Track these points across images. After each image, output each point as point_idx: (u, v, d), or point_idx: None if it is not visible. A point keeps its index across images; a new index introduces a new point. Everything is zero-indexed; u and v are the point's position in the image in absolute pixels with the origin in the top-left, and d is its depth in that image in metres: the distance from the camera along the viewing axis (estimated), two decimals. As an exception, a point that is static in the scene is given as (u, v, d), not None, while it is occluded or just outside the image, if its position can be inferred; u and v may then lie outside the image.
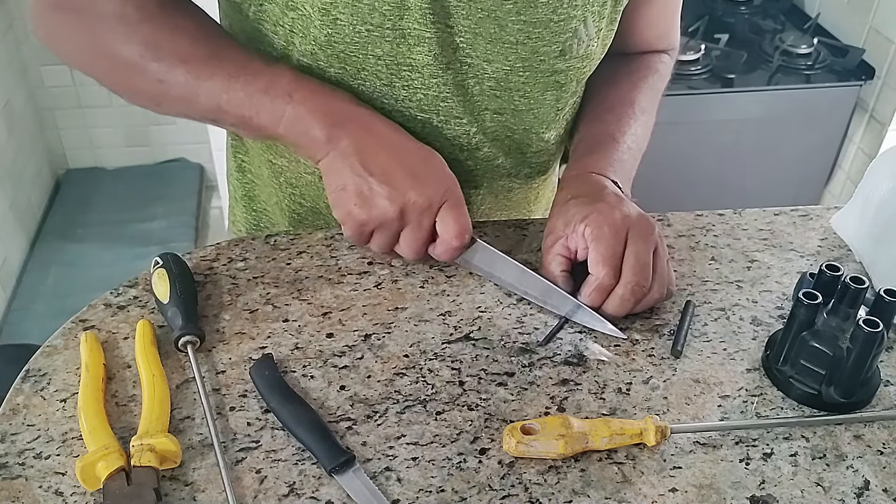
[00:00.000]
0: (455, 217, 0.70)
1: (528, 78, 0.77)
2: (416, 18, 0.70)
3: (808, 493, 0.58)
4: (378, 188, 0.68)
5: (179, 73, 0.69)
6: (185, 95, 0.70)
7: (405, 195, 0.68)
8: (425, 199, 0.69)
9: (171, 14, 0.71)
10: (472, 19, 0.72)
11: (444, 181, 0.71)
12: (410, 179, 0.69)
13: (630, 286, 0.69)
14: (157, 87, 0.71)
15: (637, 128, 0.85)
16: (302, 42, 0.73)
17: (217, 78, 0.69)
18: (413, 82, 0.75)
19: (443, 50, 0.73)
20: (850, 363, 0.62)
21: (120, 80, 0.74)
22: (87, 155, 2.65)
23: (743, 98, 1.92)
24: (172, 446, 0.58)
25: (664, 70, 0.94)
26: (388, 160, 0.69)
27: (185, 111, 0.73)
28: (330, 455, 0.59)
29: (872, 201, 0.80)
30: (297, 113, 0.69)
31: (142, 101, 0.74)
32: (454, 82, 0.75)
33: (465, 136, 0.80)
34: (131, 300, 0.73)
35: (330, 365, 0.67)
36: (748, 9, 2.21)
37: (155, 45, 0.70)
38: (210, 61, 0.70)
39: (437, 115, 0.78)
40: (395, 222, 0.69)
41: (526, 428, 0.60)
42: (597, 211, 0.72)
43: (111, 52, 0.71)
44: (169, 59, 0.69)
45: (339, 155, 0.69)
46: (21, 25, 2.39)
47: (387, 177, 0.68)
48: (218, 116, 0.71)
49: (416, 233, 0.70)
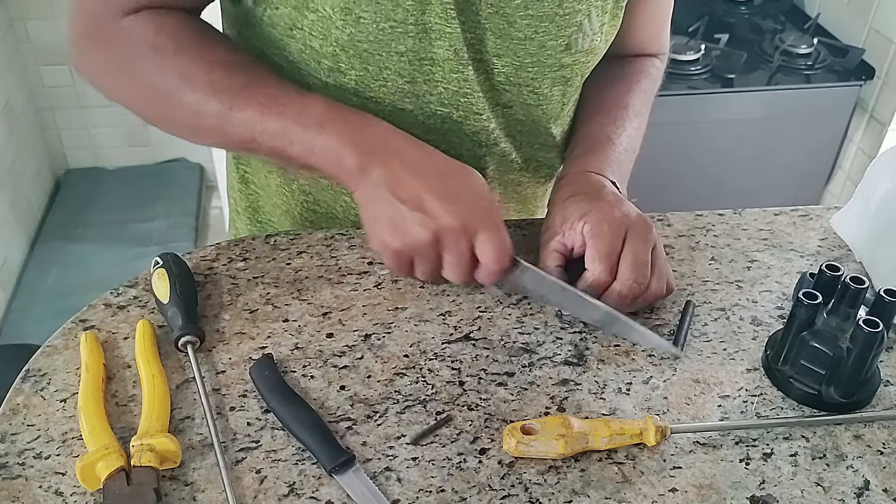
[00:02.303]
0: (492, 240, 0.66)
1: (537, 73, 0.78)
2: (437, 13, 0.71)
3: (808, 493, 0.58)
4: (409, 215, 0.66)
5: (213, 104, 0.69)
6: (219, 126, 0.71)
7: (438, 220, 0.65)
8: (459, 223, 0.65)
9: (205, 45, 0.72)
10: (481, 15, 0.73)
11: (480, 202, 0.68)
12: (443, 203, 0.66)
13: (628, 283, 0.69)
14: (192, 119, 0.71)
15: (631, 130, 0.85)
16: (322, 45, 0.73)
17: (250, 110, 0.69)
18: (434, 76, 0.75)
19: (461, 44, 0.74)
20: (850, 363, 0.62)
21: (156, 110, 0.74)
22: (87, 155, 2.65)
23: (743, 98, 1.92)
24: (172, 446, 0.58)
25: (656, 74, 0.95)
26: (420, 185, 0.67)
27: (220, 142, 0.74)
28: (330, 455, 0.59)
29: (872, 201, 0.80)
30: (329, 143, 0.68)
31: (178, 131, 0.75)
32: (474, 77, 0.76)
33: (485, 132, 0.80)
34: (131, 300, 0.73)
35: (330, 365, 0.67)
36: (748, 9, 2.21)
37: (189, 76, 0.70)
38: (243, 92, 0.69)
39: (457, 109, 0.78)
40: (430, 248, 0.66)
41: (526, 428, 0.60)
42: (596, 209, 0.72)
43: (146, 83, 0.72)
44: (203, 90, 0.70)
45: (371, 185, 0.67)
46: (21, 25, 2.39)
47: (418, 203, 0.66)
48: (252, 147, 0.71)
49: (455, 257, 0.67)
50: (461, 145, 0.80)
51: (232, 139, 0.71)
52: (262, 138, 0.69)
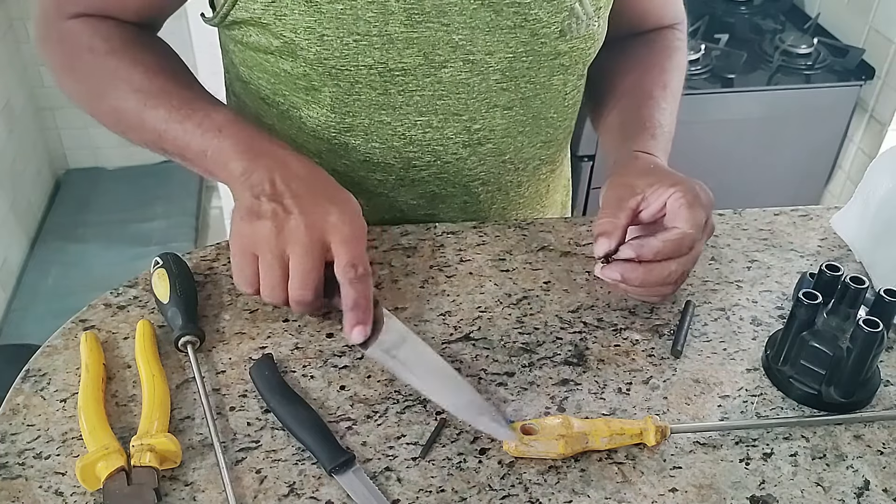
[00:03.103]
0: (346, 243, 0.64)
1: (532, 63, 0.77)
2: (401, 20, 0.71)
3: (808, 493, 0.58)
4: (266, 205, 0.65)
5: (131, 102, 0.74)
6: (136, 124, 0.74)
7: (289, 212, 0.64)
8: (310, 220, 0.64)
9: (134, 49, 0.76)
10: (466, 13, 0.72)
11: (342, 215, 0.65)
12: (303, 203, 0.65)
13: (684, 268, 0.69)
14: (114, 114, 0.76)
15: (671, 113, 0.86)
16: (293, 66, 0.74)
17: (161, 109, 0.72)
18: (408, 86, 0.75)
19: (434, 49, 0.73)
20: (850, 363, 0.62)
21: (89, 106, 0.79)
22: (87, 155, 2.65)
23: (743, 98, 1.92)
24: (172, 446, 0.58)
25: (681, 46, 0.93)
26: (289, 189, 0.66)
27: (138, 139, 0.77)
28: (330, 455, 0.59)
29: (872, 201, 0.80)
30: (222, 146, 0.69)
31: (108, 126, 0.79)
32: (450, 80, 0.76)
33: (466, 133, 0.80)
34: (131, 300, 0.73)
35: (330, 365, 0.67)
36: (748, 9, 2.21)
37: (114, 75, 0.75)
38: (159, 94, 0.73)
39: (436, 114, 0.78)
40: (273, 238, 0.64)
41: (526, 428, 0.60)
42: (691, 183, 0.72)
43: (81, 81, 0.79)
44: (124, 88, 0.74)
45: (248, 186, 0.67)
46: (21, 25, 2.39)
47: (279, 198, 0.65)
48: (162, 146, 0.74)
49: (298, 254, 0.64)
50: (445, 149, 0.79)
51: (145, 138, 0.75)
52: (167, 137, 0.72)
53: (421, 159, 0.81)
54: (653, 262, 0.69)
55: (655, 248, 0.68)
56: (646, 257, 0.68)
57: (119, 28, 0.77)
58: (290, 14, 0.71)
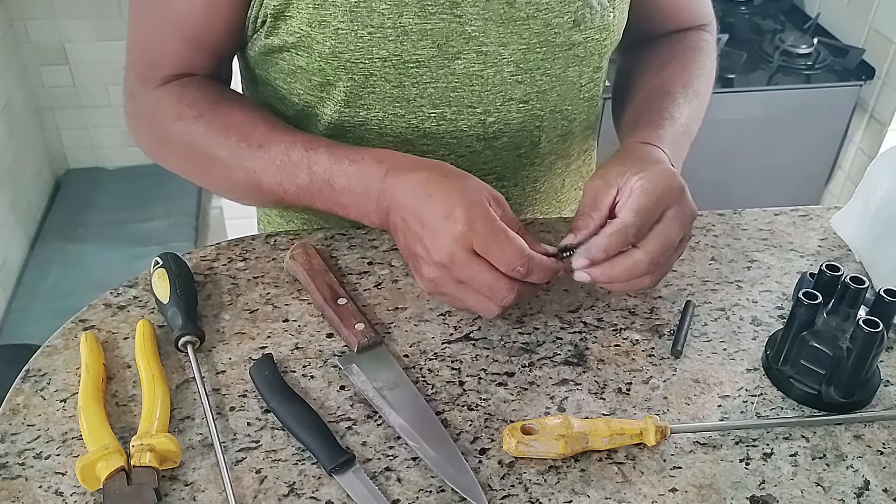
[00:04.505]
0: (494, 249, 0.63)
1: (546, 54, 0.77)
2: (414, 13, 0.71)
3: (808, 493, 0.58)
4: (413, 270, 0.68)
5: (231, 162, 0.75)
6: (244, 180, 0.75)
7: (424, 276, 0.66)
8: (446, 256, 0.64)
9: (222, 110, 0.77)
10: (479, 4, 0.73)
11: (456, 225, 0.64)
12: (426, 243, 0.65)
13: (650, 256, 0.65)
14: (214, 173, 0.77)
15: (690, 110, 0.82)
16: (308, 62, 0.75)
17: (269, 170, 0.73)
18: (422, 77, 0.75)
19: (448, 40, 0.73)
20: (850, 363, 0.62)
21: (192, 174, 0.81)
22: (87, 155, 2.65)
23: (743, 98, 1.92)
24: (172, 446, 0.58)
25: (708, 48, 0.91)
26: (410, 237, 0.67)
27: (254, 197, 0.78)
28: (330, 455, 0.59)
29: (872, 201, 0.80)
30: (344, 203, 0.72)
31: (216, 190, 0.83)
32: (464, 72, 0.76)
33: (481, 126, 0.80)
34: (131, 300, 0.73)
35: (330, 365, 0.67)
36: (748, 9, 2.21)
37: (208, 138, 0.76)
38: (258, 152, 0.74)
39: (450, 106, 0.78)
40: (448, 288, 0.66)
41: (526, 428, 0.60)
42: (657, 171, 0.68)
43: (177, 150, 0.79)
44: (218, 151, 0.75)
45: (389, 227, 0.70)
46: (21, 25, 2.39)
47: (415, 258, 0.67)
48: (278, 197, 0.75)
49: (477, 282, 0.64)
50: (458, 141, 0.80)
51: (263, 191, 0.75)
52: (288, 197, 0.74)
53: (435, 153, 0.81)
54: (613, 258, 0.66)
55: (602, 246, 0.65)
56: (599, 258, 0.66)
57: (203, 89, 0.78)
58: (304, 9, 0.71)
